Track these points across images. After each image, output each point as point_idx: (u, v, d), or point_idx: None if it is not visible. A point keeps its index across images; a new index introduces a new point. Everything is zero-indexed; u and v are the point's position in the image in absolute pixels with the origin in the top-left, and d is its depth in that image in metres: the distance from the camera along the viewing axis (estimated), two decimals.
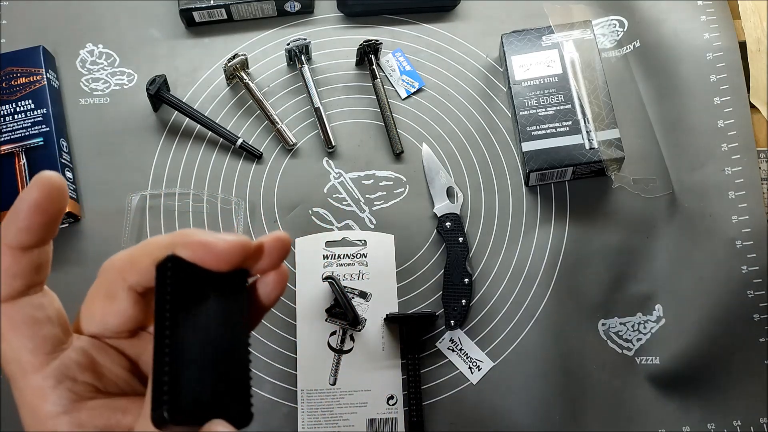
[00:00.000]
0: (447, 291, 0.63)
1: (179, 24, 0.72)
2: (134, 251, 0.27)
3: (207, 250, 0.25)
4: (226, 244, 0.25)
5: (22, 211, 0.25)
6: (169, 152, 0.68)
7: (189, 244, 0.25)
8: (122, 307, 0.27)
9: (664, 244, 0.64)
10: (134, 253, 0.27)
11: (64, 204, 0.26)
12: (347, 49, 0.71)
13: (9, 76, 0.67)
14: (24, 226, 0.25)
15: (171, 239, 0.26)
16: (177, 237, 0.26)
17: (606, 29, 0.71)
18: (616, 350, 0.62)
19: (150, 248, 0.26)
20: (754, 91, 0.67)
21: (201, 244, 0.25)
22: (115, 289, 0.27)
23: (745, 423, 0.60)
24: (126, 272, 0.26)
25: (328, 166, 0.68)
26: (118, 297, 0.27)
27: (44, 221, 0.26)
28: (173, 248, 0.25)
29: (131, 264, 0.26)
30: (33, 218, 0.25)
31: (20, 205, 0.25)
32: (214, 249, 0.25)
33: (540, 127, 0.65)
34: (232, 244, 0.25)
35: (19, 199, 0.25)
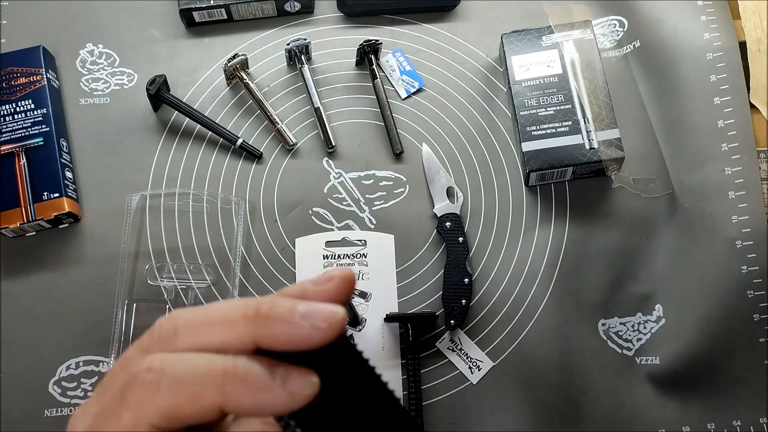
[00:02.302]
0: (447, 291, 0.63)
1: (179, 24, 0.72)
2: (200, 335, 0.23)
3: (296, 339, 0.23)
4: (320, 332, 0.23)
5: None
6: (169, 152, 0.68)
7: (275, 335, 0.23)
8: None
9: (664, 244, 0.64)
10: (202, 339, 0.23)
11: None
12: (347, 49, 0.71)
13: (9, 76, 0.67)
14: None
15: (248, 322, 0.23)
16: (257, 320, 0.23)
17: (606, 29, 0.71)
18: (616, 350, 0.62)
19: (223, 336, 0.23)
20: (754, 91, 0.67)
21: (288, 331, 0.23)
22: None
23: (745, 423, 0.60)
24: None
25: (328, 166, 0.68)
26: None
27: None
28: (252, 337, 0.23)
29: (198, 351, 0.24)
30: None
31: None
32: (306, 338, 0.23)
33: (540, 127, 0.65)
34: (328, 328, 0.23)
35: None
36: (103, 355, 0.61)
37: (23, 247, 0.64)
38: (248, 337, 0.23)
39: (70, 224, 0.65)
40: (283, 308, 0.23)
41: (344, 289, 0.25)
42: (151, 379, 0.22)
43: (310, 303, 0.23)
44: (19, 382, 0.60)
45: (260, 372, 0.22)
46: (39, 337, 0.61)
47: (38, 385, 0.60)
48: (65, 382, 0.60)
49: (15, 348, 0.61)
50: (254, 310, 0.23)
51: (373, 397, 0.24)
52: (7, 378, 0.60)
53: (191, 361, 0.23)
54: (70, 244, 0.64)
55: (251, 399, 0.22)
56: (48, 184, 0.63)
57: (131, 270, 0.63)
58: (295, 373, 0.23)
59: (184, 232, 0.65)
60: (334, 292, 0.25)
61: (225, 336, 0.23)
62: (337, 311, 0.23)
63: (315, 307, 0.23)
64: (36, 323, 0.62)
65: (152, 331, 0.24)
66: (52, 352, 0.61)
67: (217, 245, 0.65)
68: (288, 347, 0.23)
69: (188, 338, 0.23)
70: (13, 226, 0.62)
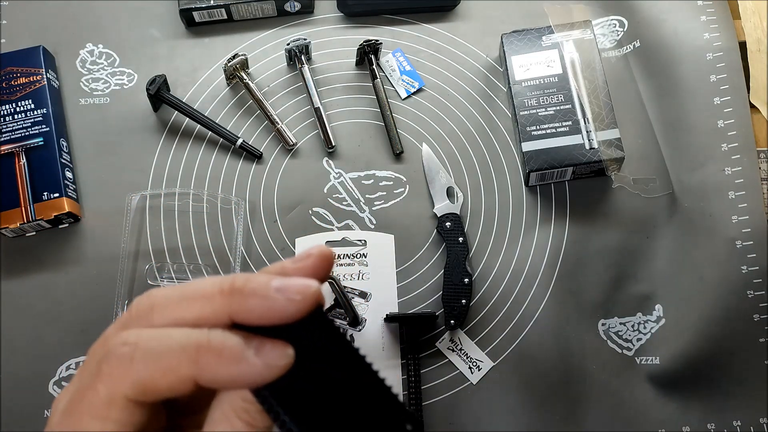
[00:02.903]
0: (447, 291, 0.63)
1: (179, 24, 0.72)
2: (176, 311, 0.24)
3: (271, 311, 0.23)
4: (294, 304, 0.23)
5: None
6: (169, 152, 0.68)
7: (250, 307, 0.23)
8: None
9: (664, 244, 0.64)
10: (178, 315, 0.24)
11: None
12: (347, 49, 0.71)
13: (9, 76, 0.67)
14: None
15: (223, 296, 0.23)
16: (233, 293, 0.23)
17: (606, 29, 0.71)
18: (616, 350, 0.62)
19: (201, 311, 0.23)
20: (754, 91, 0.67)
21: (263, 303, 0.23)
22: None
23: (745, 423, 0.60)
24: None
25: (328, 166, 0.68)
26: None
27: None
28: (229, 311, 0.23)
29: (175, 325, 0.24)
30: None
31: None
32: (280, 309, 0.23)
33: (540, 127, 0.65)
34: (302, 300, 0.23)
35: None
36: None
37: (23, 247, 0.64)
38: (224, 311, 0.23)
39: (70, 224, 0.65)
40: (258, 282, 0.23)
41: (322, 265, 0.25)
42: (125, 352, 0.23)
43: (285, 278, 0.24)
44: (19, 382, 0.60)
45: (235, 343, 0.23)
46: (39, 337, 0.61)
47: (38, 385, 0.60)
48: (65, 382, 0.60)
49: (15, 348, 0.61)
50: (230, 285, 0.23)
51: (353, 371, 0.24)
52: (7, 378, 0.60)
53: (166, 334, 0.23)
54: (70, 244, 0.64)
55: (226, 370, 0.22)
56: (48, 184, 0.63)
57: (131, 270, 0.63)
58: (269, 345, 0.23)
59: (184, 232, 0.65)
60: (311, 268, 0.25)
61: (201, 310, 0.23)
62: (310, 284, 0.23)
63: (289, 280, 0.23)
64: (36, 323, 0.62)
65: (130, 308, 0.25)
66: (52, 352, 0.61)
67: (217, 245, 0.65)
68: (263, 320, 0.23)
69: (165, 313, 0.23)
70: (13, 226, 0.62)
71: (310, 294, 0.23)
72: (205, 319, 0.23)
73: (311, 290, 0.23)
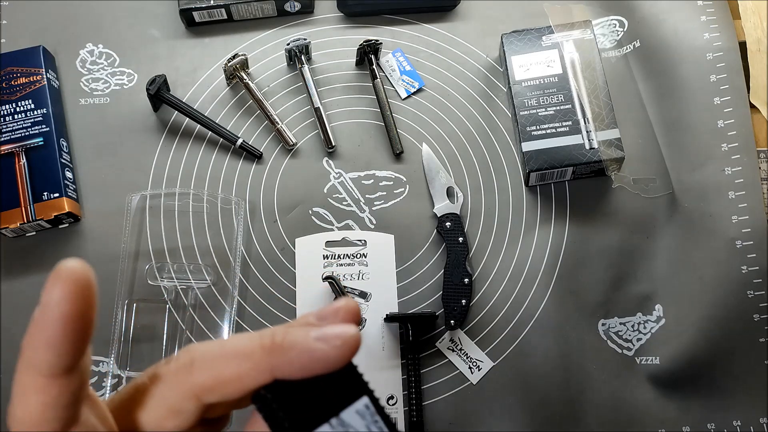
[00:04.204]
0: (447, 291, 0.63)
1: (179, 24, 0.72)
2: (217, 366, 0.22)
3: (314, 360, 0.22)
4: (337, 350, 0.22)
5: (53, 331, 0.20)
6: (169, 152, 0.68)
7: (292, 360, 0.22)
8: (186, 422, 0.23)
9: (664, 244, 0.64)
10: (217, 370, 0.22)
11: (95, 299, 0.21)
12: (347, 49, 0.71)
13: (9, 76, 0.67)
14: (62, 350, 0.20)
15: (265, 351, 0.22)
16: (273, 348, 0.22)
17: (606, 29, 0.71)
18: (616, 350, 0.62)
19: (241, 367, 0.22)
20: (754, 91, 0.67)
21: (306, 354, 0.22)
22: (184, 406, 0.23)
23: (745, 423, 0.60)
24: (205, 393, 0.22)
25: (328, 166, 0.68)
26: (185, 413, 0.23)
27: (83, 332, 0.20)
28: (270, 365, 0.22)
29: (216, 385, 0.22)
30: (70, 336, 0.20)
31: (49, 323, 0.20)
32: (323, 358, 0.22)
33: (540, 127, 0.65)
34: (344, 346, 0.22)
35: (47, 316, 0.20)
36: (103, 355, 0.61)
37: (23, 247, 0.64)
38: (265, 365, 0.22)
39: (70, 224, 0.65)
40: (298, 333, 0.23)
41: (349, 320, 0.24)
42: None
43: (323, 327, 0.23)
44: None
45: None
46: None
47: None
48: None
49: (15, 348, 0.61)
50: (270, 339, 0.23)
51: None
52: (7, 378, 0.60)
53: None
54: (70, 244, 0.64)
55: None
56: (48, 184, 0.63)
57: (131, 270, 0.63)
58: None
59: (184, 232, 0.65)
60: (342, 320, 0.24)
61: (242, 366, 0.22)
62: (349, 329, 0.23)
63: (328, 328, 0.23)
64: None
65: (169, 360, 0.24)
66: None
67: (217, 245, 0.65)
68: (305, 372, 0.22)
69: (204, 370, 0.23)
70: (13, 226, 0.62)
71: (351, 338, 0.23)
72: (246, 376, 0.22)
73: (351, 333, 0.23)
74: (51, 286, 0.20)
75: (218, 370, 0.22)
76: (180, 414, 0.23)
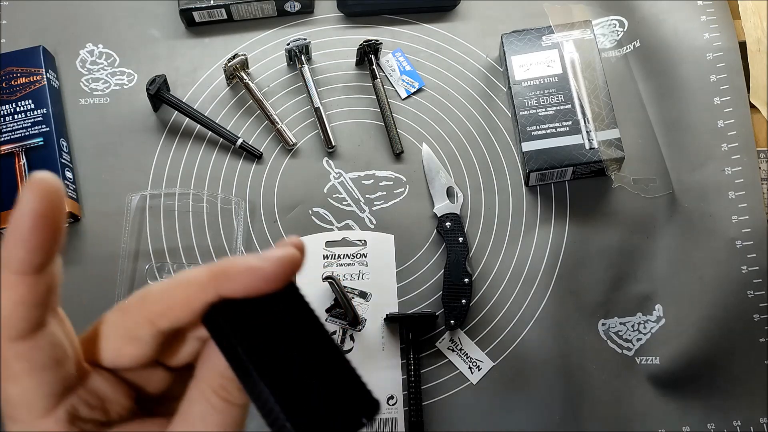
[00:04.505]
0: (447, 291, 0.63)
1: (179, 24, 0.72)
2: (167, 294, 0.24)
3: (255, 277, 0.24)
4: (275, 266, 0.24)
5: (24, 227, 0.21)
6: (169, 152, 0.68)
7: (234, 276, 0.23)
8: (145, 350, 0.25)
9: (664, 244, 0.64)
10: (167, 296, 0.24)
11: (63, 206, 0.22)
12: (347, 49, 0.71)
13: (9, 76, 0.67)
14: (31, 245, 0.21)
15: (209, 274, 0.24)
16: (216, 272, 0.24)
17: (606, 29, 0.71)
18: (616, 350, 0.62)
19: (188, 290, 0.24)
20: (754, 91, 0.67)
21: (247, 271, 0.23)
22: (140, 332, 0.24)
23: (745, 423, 0.60)
24: (158, 318, 0.24)
25: (328, 166, 0.68)
26: (142, 340, 0.24)
27: (51, 232, 0.22)
28: (215, 285, 0.24)
29: (166, 310, 0.24)
30: (39, 232, 0.21)
31: (20, 221, 0.21)
32: (263, 274, 0.24)
33: (540, 127, 0.65)
34: (281, 263, 0.24)
35: (18, 215, 0.21)
36: None
37: None
38: (210, 286, 0.24)
39: (70, 224, 0.65)
40: (242, 258, 0.24)
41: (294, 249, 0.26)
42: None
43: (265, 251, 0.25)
44: None
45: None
46: None
47: None
48: None
49: None
50: (216, 264, 0.24)
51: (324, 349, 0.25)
52: None
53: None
54: (70, 244, 0.64)
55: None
56: None
57: (131, 270, 0.63)
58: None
59: (184, 232, 0.65)
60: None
61: (189, 289, 0.24)
62: (287, 249, 0.24)
63: (268, 251, 0.25)
64: None
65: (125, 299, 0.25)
66: None
67: (217, 245, 0.65)
68: (248, 290, 0.24)
69: (156, 297, 0.24)
70: None
71: (289, 256, 0.24)
72: (193, 296, 0.24)
73: (289, 253, 0.24)
74: (24, 190, 0.21)
75: (168, 295, 0.24)
76: (137, 340, 0.24)
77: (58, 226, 0.22)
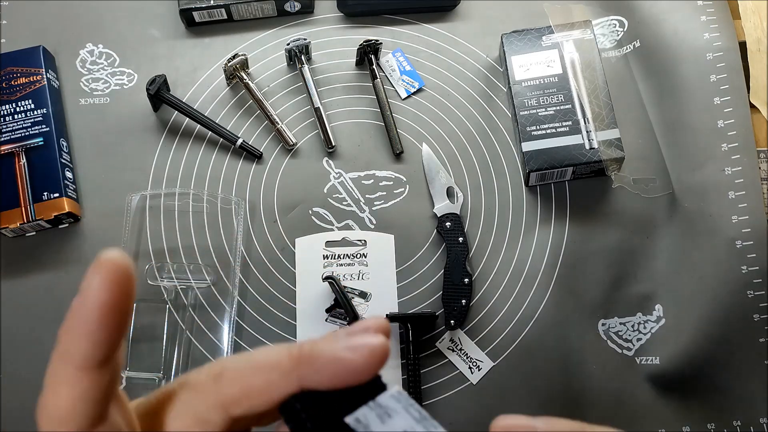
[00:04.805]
0: (447, 291, 0.63)
1: (179, 24, 0.72)
2: (245, 378, 0.22)
3: (344, 370, 0.22)
4: (365, 359, 0.22)
5: (90, 319, 0.19)
6: (169, 152, 0.68)
7: (320, 368, 0.22)
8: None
9: (664, 244, 0.64)
10: (245, 381, 0.22)
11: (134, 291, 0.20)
12: (347, 49, 0.71)
13: (9, 76, 0.67)
14: (98, 339, 0.19)
15: (293, 362, 0.22)
16: (301, 359, 0.22)
17: (606, 29, 0.71)
18: (616, 350, 0.62)
19: (268, 377, 0.22)
20: (754, 91, 0.67)
21: (335, 363, 0.22)
22: (212, 417, 0.22)
23: (745, 423, 0.60)
24: (233, 405, 0.22)
25: (328, 166, 0.68)
26: (211, 424, 0.22)
27: (120, 324, 0.20)
28: (298, 375, 0.22)
29: (243, 397, 0.22)
30: (107, 325, 0.19)
31: (86, 310, 0.19)
32: (351, 367, 0.22)
33: (540, 127, 0.65)
34: (372, 355, 0.22)
35: (83, 303, 0.19)
36: None
37: (23, 247, 0.64)
38: (293, 375, 0.22)
39: (70, 224, 0.65)
40: (327, 343, 0.23)
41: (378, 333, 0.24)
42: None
43: (352, 336, 0.23)
44: (19, 382, 0.60)
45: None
46: (39, 337, 0.61)
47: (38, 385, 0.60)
48: None
49: (15, 348, 0.61)
50: (298, 350, 0.23)
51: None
52: (7, 378, 0.60)
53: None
54: (70, 244, 0.64)
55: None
56: (48, 184, 0.63)
57: None
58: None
59: (184, 232, 0.65)
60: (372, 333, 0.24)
61: (269, 376, 0.22)
62: (377, 338, 0.22)
63: (357, 338, 0.23)
64: (36, 323, 0.62)
65: (199, 370, 0.23)
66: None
67: (217, 245, 0.65)
68: (333, 382, 0.22)
69: (233, 380, 0.22)
70: (13, 226, 0.62)
71: (379, 348, 0.22)
72: (274, 386, 0.22)
73: (379, 343, 0.22)
74: (91, 274, 0.19)
75: (246, 381, 0.22)
76: (206, 424, 0.23)
77: (126, 315, 0.20)
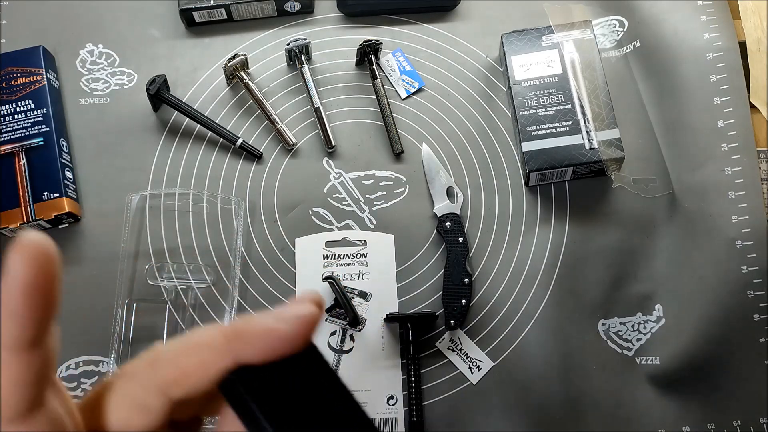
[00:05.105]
0: (447, 291, 0.63)
1: (179, 24, 0.72)
2: (179, 359, 0.22)
3: (274, 340, 0.22)
4: (294, 327, 0.22)
5: (14, 300, 0.19)
6: (169, 152, 0.68)
7: (251, 340, 0.22)
8: (155, 419, 0.23)
9: (664, 244, 0.64)
10: (180, 362, 0.22)
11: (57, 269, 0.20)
12: (347, 49, 0.71)
13: (9, 76, 0.67)
14: (24, 320, 0.20)
15: (225, 339, 0.22)
16: (232, 335, 0.22)
17: (606, 29, 0.71)
18: (616, 350, 0.62)
19: (202, 356, 0.22)
20: (754, 91, 0.67)
21: (265, 334, 0.22)
22: (150, 402, 0.22)
23: (745, 423, 0.60)
24: (170, 387, 0.22)
25: (328, 166, 0.68)
26: (152, 410, 0.23)
27: (45, 303, 0.20)
28: (232, 351, 0.22)
29: (179, 378, 0.22)
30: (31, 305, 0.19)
31: (9, 292, 0.19)
32: (282, 335, 0.22)
33: (540, 127, 0.65)
34: (301, 323, 0.23)
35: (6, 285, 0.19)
36: (103, 355, 0.61)
37: None
38: (226, 350, 0.22)
39: (70, 224, 0.65)
40: (258, 317, 0.23)
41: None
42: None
43: (281, 309, 0.23)
44: None
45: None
46: None
47: None
48: (65, 382, 0.60)
49: None
50: (230, 327, 0.23)
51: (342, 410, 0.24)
52: None
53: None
54: (70, 244, 0.64)
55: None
56: (48, 184, 0.63)
57: (131, 270, 0.63)
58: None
59: (184, 232, 0.65)
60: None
61: (203, 354, 0.23)
62: (305, 307, 0.23)
63: (285, 309, 0.23)
64: None
65: (134, 359, 0.24)
66: None
67: (217, 245, 0.65)
68: (267, 353, 0.23)
69: (168, 362, 0.23)
70: (13, 226, 0.62)
71: (308, 315, 0.23)
72: (209, 363, 0.22)
73: (308, 311, 0.23)
74: (12, 256, 0.19)
75: (181, 361, 0.22)
76: (147, 410, 0.23)
77: (52, 294, 0.20)
